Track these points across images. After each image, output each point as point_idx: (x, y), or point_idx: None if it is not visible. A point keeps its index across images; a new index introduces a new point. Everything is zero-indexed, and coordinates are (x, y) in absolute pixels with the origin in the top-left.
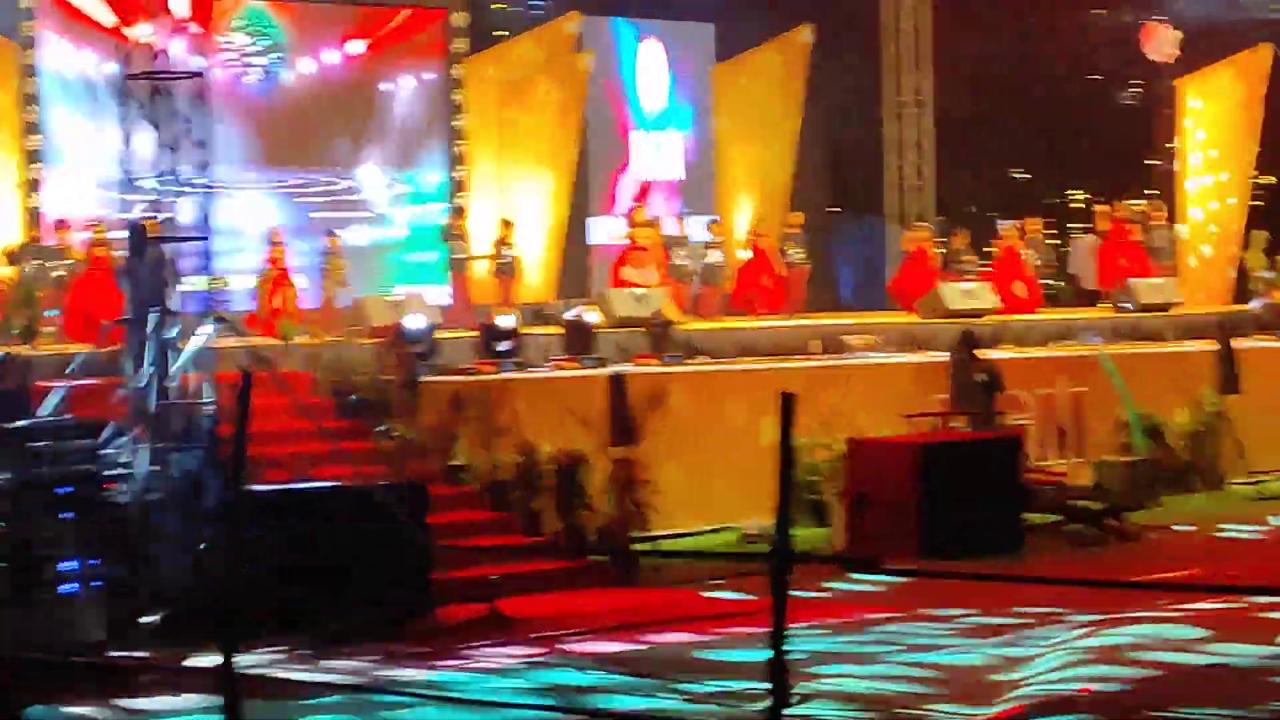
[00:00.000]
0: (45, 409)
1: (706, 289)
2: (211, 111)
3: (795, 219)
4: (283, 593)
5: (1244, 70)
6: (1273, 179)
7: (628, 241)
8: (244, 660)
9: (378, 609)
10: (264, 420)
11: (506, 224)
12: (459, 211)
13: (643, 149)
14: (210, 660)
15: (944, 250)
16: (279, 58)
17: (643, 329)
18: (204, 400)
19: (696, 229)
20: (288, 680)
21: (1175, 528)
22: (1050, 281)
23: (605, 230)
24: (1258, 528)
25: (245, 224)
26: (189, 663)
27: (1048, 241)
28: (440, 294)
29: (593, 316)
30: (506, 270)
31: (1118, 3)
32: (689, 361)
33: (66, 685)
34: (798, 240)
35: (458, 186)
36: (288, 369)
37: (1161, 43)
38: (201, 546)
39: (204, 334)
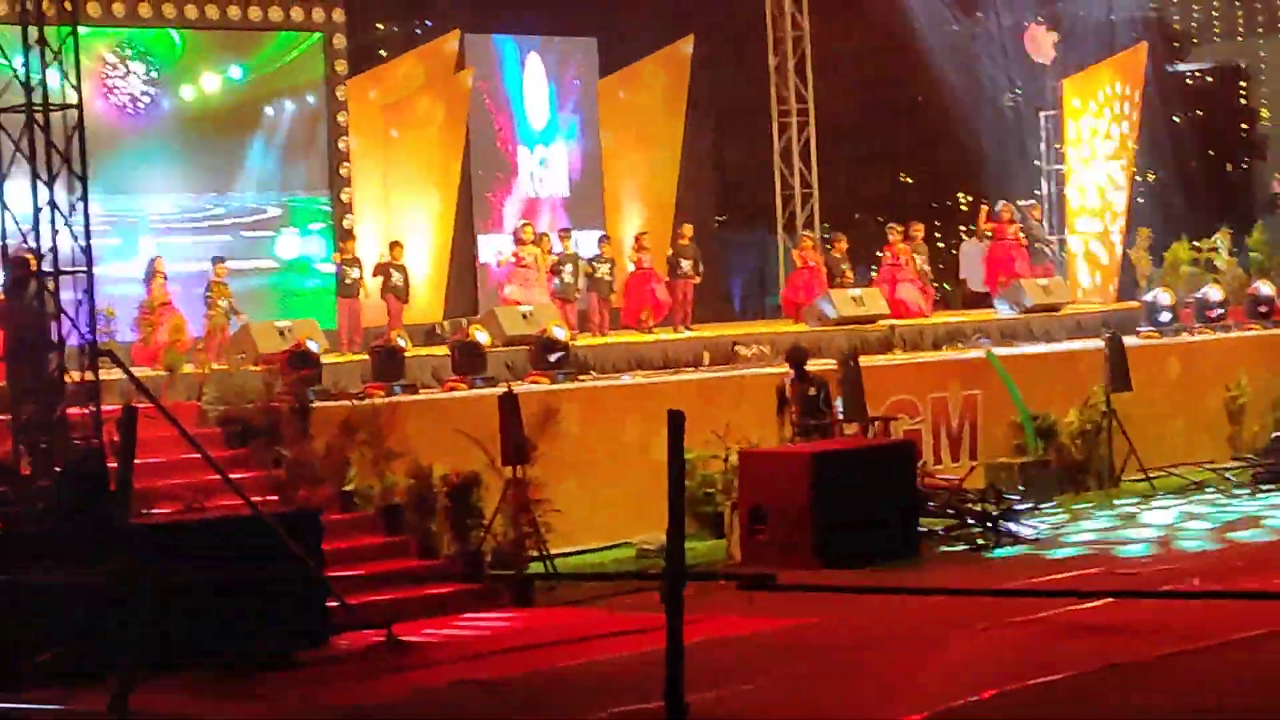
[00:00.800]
0: None
1: (595, 304)
2: (89, 141)
3: (685, 231)
4: (175, 626)
5: (1122, 69)
6: (1153, 176)
7: (514, 259)
8: (136, 697)
9: (272, 639)
10: (151, 452)
11: (394, 245)
12: (346, 234)
13: (528, 165)
14: (102, 699)
15: (825, 256)
16: (160, 85)
17: (531, 347)
18: (90, 434)
19: (584, 244)
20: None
21: (1069, 528)
22: (939, 284)
23: (493, 248)
24: (1153, 526)
25: (128, 253)
26: (79, 703)
27: (937, 245)
28: (328, 318)
29: (482, 336)
30: (395, 292)
31: (998, 6)
32: (580, 378)
33: None
34: (687, 252)
35: (344, 209)
36: (174, 399)
37: (1041, 44)
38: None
39: (88, 367)
